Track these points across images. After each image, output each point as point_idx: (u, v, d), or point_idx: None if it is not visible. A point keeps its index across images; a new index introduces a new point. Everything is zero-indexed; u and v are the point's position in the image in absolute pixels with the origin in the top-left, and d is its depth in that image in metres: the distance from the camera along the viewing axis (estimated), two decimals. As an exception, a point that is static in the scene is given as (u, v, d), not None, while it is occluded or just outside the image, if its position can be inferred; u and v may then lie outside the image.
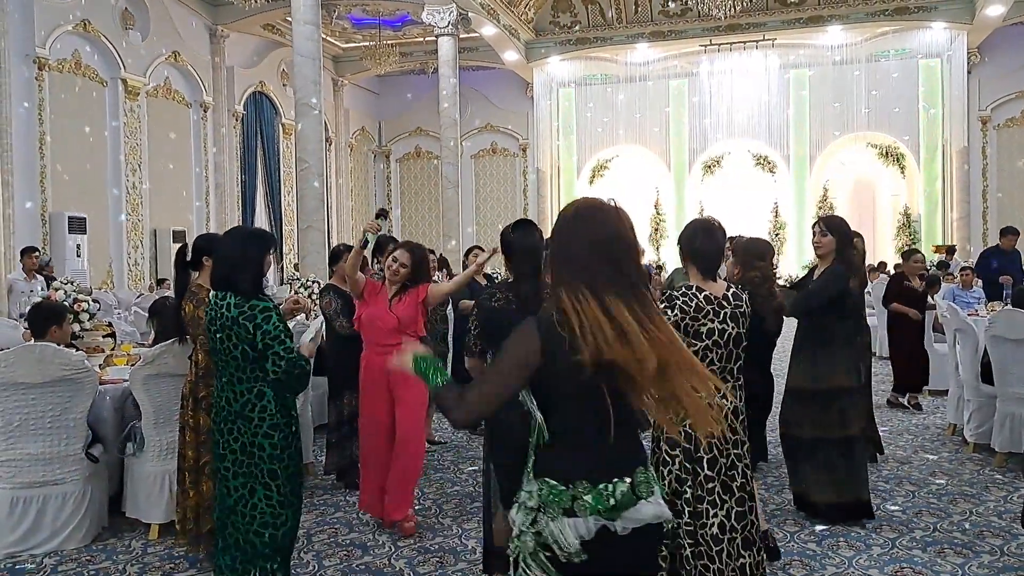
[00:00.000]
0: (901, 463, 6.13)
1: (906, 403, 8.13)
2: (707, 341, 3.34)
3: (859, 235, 6.02)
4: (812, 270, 5.17)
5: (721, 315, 3.36)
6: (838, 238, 4.81)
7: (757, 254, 3.98)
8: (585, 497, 1.95)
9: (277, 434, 3.36)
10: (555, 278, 2.03)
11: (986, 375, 6.28)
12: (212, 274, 3.49)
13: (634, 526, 1.97)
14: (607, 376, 1.92)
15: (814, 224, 5.03)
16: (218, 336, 3.35)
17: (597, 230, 2.00)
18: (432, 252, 7.40)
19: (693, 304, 3.34)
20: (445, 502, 5.35)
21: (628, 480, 1.98)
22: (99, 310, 6.72)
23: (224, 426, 3.40)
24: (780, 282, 5.74)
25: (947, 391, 7.38)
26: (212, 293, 3.44)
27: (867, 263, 6.29)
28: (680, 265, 4.66)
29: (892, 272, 12.48)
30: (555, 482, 1.99)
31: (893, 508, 5.08)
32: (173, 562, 4.35)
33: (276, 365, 3.28)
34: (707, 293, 3.38)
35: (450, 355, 7.26)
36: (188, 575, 4.17)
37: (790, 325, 5.05)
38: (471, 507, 5.18)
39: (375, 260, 6.14)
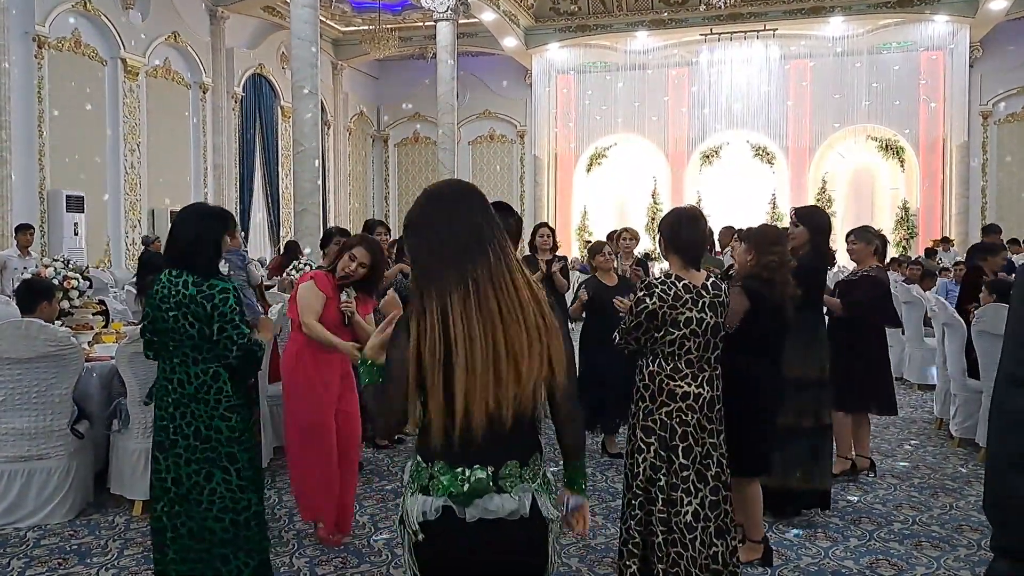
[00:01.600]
0: (885, 456, 6.17)
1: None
2: (685, 330, 3.36)
3: (884, 238, 6.03)
4: None
5: (700, 304, 3.38)
6: (810, 228, 4.82)
7: (772, 239, 3.98)
8: (441, 478, 1.94)
9: (235, 416, 3.33)
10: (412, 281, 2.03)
11: (972, 370, 6.31)
12: (167, 251, 3.41)
13: (484, 516, 1.93)
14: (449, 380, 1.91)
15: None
16: (171, 315, 3.26)
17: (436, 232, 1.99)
18: None
19: (671, 292, 3.36)
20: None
21: (491, 469, 1.93)
22: (90, 288, 6.76)
23: (175, 410, 3.30)
24: None
25: (934, 385, 7.41)
26: (165, 271, 3.35)
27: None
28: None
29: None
30: (420, 459, 2.00)
31: (873, 500, 5.11)
32: (155, 539, 4.38)
33: (228, 349, 3.25)
34: (686, 282, 3.40)
35: None
36: (170, 552, 4.20)
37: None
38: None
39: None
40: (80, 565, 4.06)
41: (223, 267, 4.18)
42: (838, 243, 7.39)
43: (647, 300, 3.37)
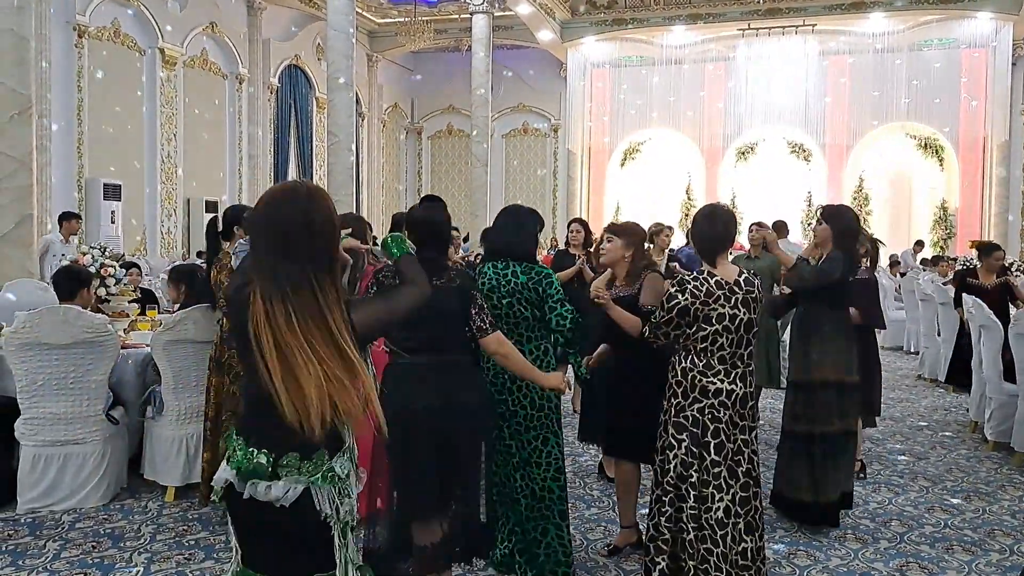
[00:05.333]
0: (918, 458, 6.09)
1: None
2: (717, 326, 3.36)
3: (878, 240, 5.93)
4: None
5: (732, 300, 3.37)
6: (834, 227, 4.66)
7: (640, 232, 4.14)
8: (237, 451, 2.04)
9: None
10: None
11: (1009, 373, 6.21)
12: (487, 246, 3.90)
13: (253, 495, 2.01)
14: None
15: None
16: (504, 301, 3.65)
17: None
18: (456, 230, 7.44)
19: (704, 289, 3.36)
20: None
21: (272, 456, 2.01)
22: (139, 275, 6.86)
23: (512, 384, 3.62)
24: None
25: (971, 386, 7.30)
26: (490, 264, 3.74)
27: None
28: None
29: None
30: (234, 431, 2.11)
31: (904, 503, 5.06)
32: (187, 524, 4.45)
33: (561, 325, 3.59)
34: (718, 278, 3.39)
35: None
36: (201, 537, 4.26)
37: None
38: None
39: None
40: (113, 549, 4.12)
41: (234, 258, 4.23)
42: None
43: (679, 296, 3.36)
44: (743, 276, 3.46)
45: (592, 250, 6.13)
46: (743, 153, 21.59)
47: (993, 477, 5.65)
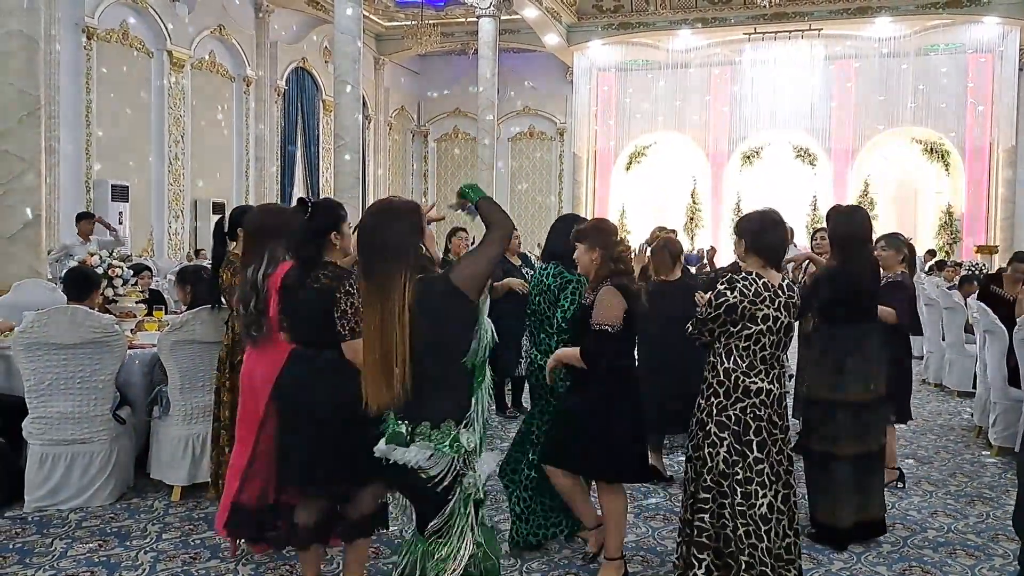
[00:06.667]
0: (921, 463, 6.09)
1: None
2: (762, 326, 3.45)
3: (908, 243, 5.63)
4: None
5: (776, 303, 3.47)
6: (828, 232, 4.56)
7: (610, 230, 3.85)
8: (390, 424, 2.58)
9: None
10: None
11: (1013, 378, 6.21)
12: (543, 249, 4.43)
13: (392, 458, 2.55)
14: None
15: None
16: (536, 299, 4.18)
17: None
18: (465, 231, 7.47)
19: (752, 289, 3.44)
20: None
21: (409, 425, 2.53)
22: (150, 277, 6.89)
23: (542, 374, 4.01)
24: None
25: (974, 392, 7.30)
26: (539, 264, 4.33)
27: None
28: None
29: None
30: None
31: (908, 507, 5.06)
32: (193, 523, 4.48)
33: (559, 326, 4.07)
34: (765, 280, 3.49)
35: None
36: (206, 536, 4.29)
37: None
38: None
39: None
40: (120, 547, 4.15)
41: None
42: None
43: (728, 294, 3.43)
44: (785, 281, 3.57)
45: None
46: (748, 157, 21.61)
47: (997, 482, 5.65)
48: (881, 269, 4.92)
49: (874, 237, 4.98)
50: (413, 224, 2.69)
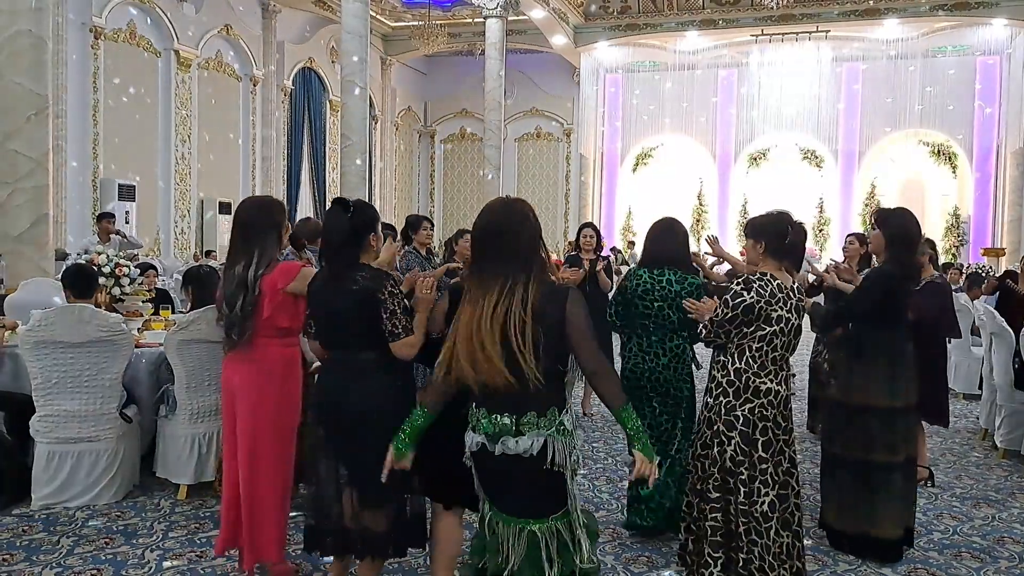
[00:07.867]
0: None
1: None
2: (776, 327, 3.48)
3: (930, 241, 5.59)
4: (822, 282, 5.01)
5: (788, 305, 3.51)
6: (887, 233, 4.26)
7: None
8: (482, 420, 2.62)
9: (692, 376, 4.39)
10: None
11: (1020, 380, 6.19)
12: (645, 254, 4.44)
13: (506, 451, 2.58)
14: None
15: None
16: (656, 304, 4.24)
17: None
18: (470, 232, 7.47)
19: (768, 290, 3.46)
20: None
21: (514, 417, 2.57)
22: (156, 276, 6.89)
23: (653, 376, 4.25)
24: (810, 278, 5.64)
25: (979, 395, 7.28)
26: (644, 269, 4.31)
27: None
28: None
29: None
30: (473, 405, 2.67)
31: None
32: (199, 521, 4.49)
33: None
34: (779, 282, 3.52)
35: None
36: (212, 534, 4.29)
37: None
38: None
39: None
40: (126, 545, 4.16)
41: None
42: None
43: (745, 294, 3.46)
44: (795, 284, 3.61)
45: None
46: (755, 159, 21.60)
47: (1003, 485, 5.64)
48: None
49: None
50: (538, 226, 2.81)
